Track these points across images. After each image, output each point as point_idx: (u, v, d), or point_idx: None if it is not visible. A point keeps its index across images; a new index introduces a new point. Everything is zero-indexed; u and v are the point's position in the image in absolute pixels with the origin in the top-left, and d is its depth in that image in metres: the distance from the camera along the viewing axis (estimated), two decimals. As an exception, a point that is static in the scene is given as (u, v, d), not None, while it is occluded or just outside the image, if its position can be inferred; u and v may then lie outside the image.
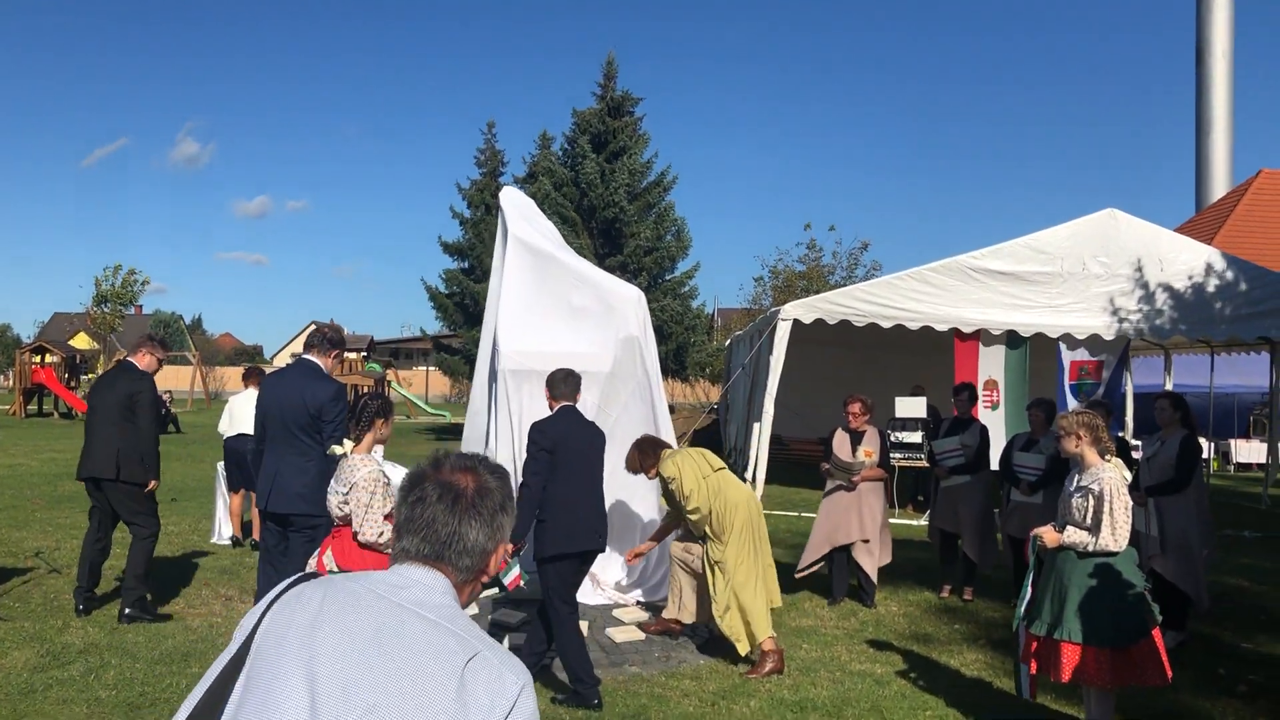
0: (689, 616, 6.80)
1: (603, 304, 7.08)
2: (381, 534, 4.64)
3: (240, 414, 10.23)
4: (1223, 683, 6.37)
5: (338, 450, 4.79)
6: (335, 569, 4.63)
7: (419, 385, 51.60)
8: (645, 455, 6.65)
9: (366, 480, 4.65)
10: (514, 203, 7.54)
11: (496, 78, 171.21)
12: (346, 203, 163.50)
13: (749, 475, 14.65)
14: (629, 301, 7.07)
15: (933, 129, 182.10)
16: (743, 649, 6.30)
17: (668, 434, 7.31)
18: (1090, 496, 5.02)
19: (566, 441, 5.73)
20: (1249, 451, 22.56)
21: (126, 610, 7.05)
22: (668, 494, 6.53)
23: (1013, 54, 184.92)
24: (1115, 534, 4.95)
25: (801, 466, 17.82)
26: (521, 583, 6.67)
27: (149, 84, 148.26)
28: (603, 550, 5.89)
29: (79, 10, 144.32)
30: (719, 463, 6.61)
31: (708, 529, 6.45)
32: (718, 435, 23.52)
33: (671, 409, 24.53)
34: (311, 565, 4.74)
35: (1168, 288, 13.04)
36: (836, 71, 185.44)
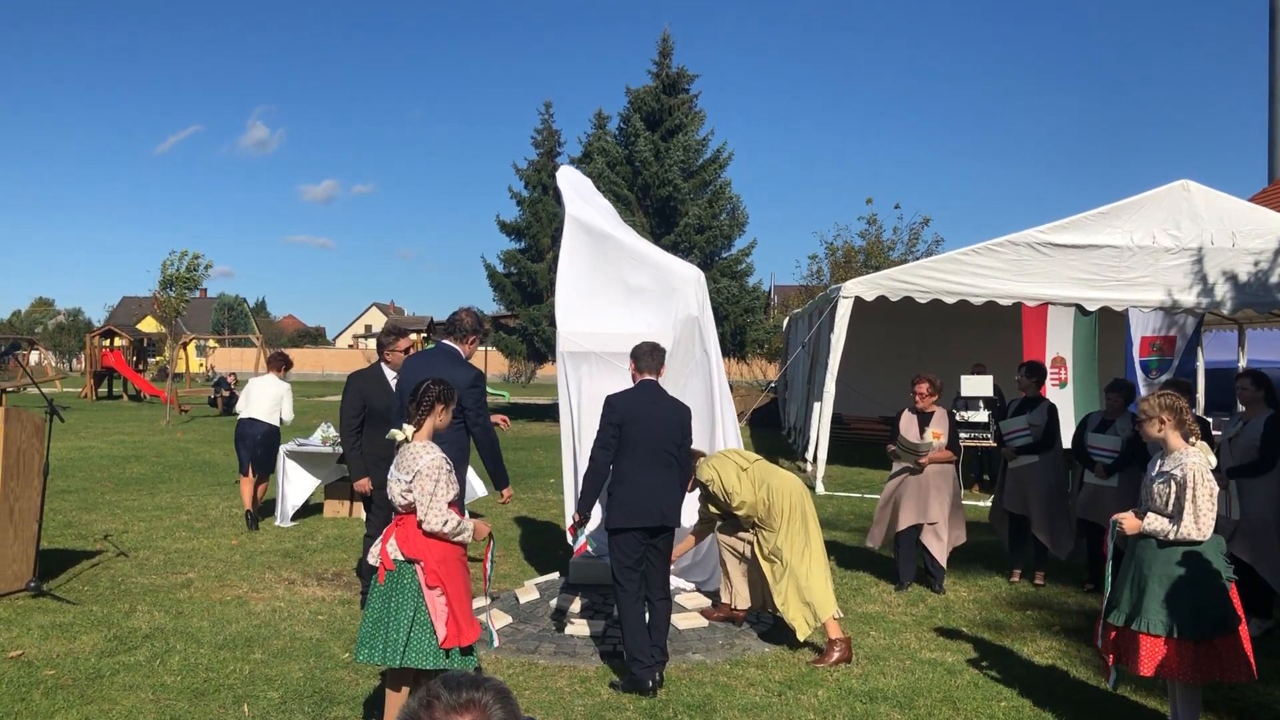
0: (743, 602, 6.67)
1: (661, 284, 6.94)
2: (446, 522, 4.57)
3: (256, 397, 10.27)
4: (1311, 673, 6.12)
5: (398, 436, 4.72)
6: (400, 557, 4.57)
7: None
8: None
9: (430, 468, 4.58)
10: (571, 182, 7.42)
11: (554, 58, 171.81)
12: (410, 186, 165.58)
13: (809, 455, 14.50)
14: (688, 281, 6.93)
15: (997, 102, 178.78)
16: (802, 635, 6.16)
17: (729, 416, 7.15)
18: (1173, 483, 4.80)
19: (637, 418, 5.67)
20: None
21: None
22: (709, 496, 6.40)
23: (1080, 21, 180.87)
24: (1199, 522, 4.73)
25: (862, 446, 17.58)
26: (589, 549, 6.59)
27: (221, 72, 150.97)
28: (672, 527, 5.80)
29: (152, 4, 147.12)
30: (754, 456, 6.48)
31: (757, 519, 6.34)
32: (777, 414, 23.34)
33: (730, 387, 24.45)
34: (374, 554, 4.68)
35: (1241, 260, 12.63)
36: (896, 45, 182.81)
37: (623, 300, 6.96)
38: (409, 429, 4.70)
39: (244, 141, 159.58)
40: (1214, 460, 4.86)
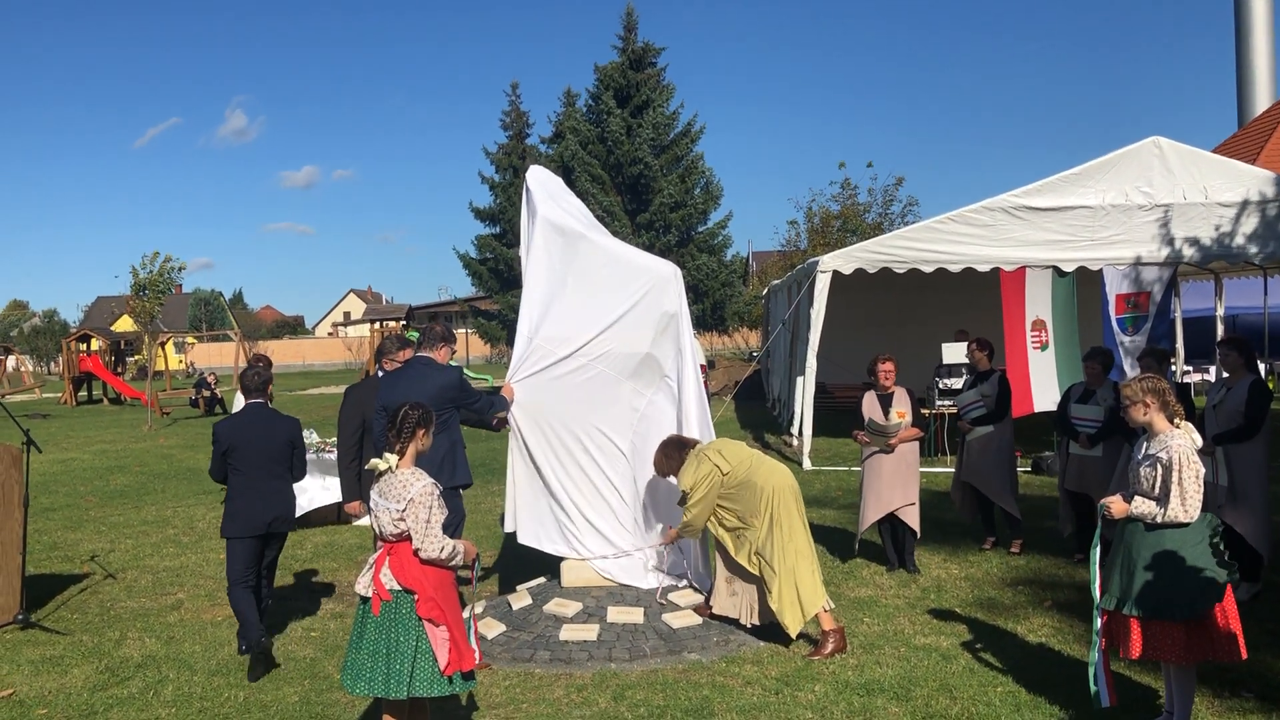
0: (720, 609, 6.59)
1: (638, 282, 6.87)
2: (443, 549, 4.53)
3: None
4: (1301, 637, 6.17)
5: (380, 465, 4.66)
6: (397, 587, 4.53)
7: (458, 348, 51.84)
8: (670, 458, 6.54)
9: (422, 495, 4.54)
10: (540, 182, 7.32)
11: (518, 35, 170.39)
12: (392, 169, 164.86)
13: (795, 430, 14.51)
14: (665, 279, 6.87)
15: (963, 60, 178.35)
16: (793, 633, 6.15)
17: (704, 416, 7.03)
18: (1159, 466, 4.81)
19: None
20: (1306, 371, 22.05)
21: None
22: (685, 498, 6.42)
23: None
24: (1185, 504, 4.74)
25: (847, 414, 17.53)
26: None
27: (198, 63, 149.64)
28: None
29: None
30: (743, 453, 6.45)
31: (736, 520, 6.34)
32: (761, 386, 23.33)
33: (712, 363, 24.41)
34: (366, 584, 4.64)
35: (1213, 214, 12.66)
36: (863, 8, 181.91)
37: (599, 302, 6.89)
38: (392, 458, 4.65)
39: (223, 131, 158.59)
40: (1199, 440, 4.87)
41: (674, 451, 6.52)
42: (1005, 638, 6.40)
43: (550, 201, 7.09)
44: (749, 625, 6.41)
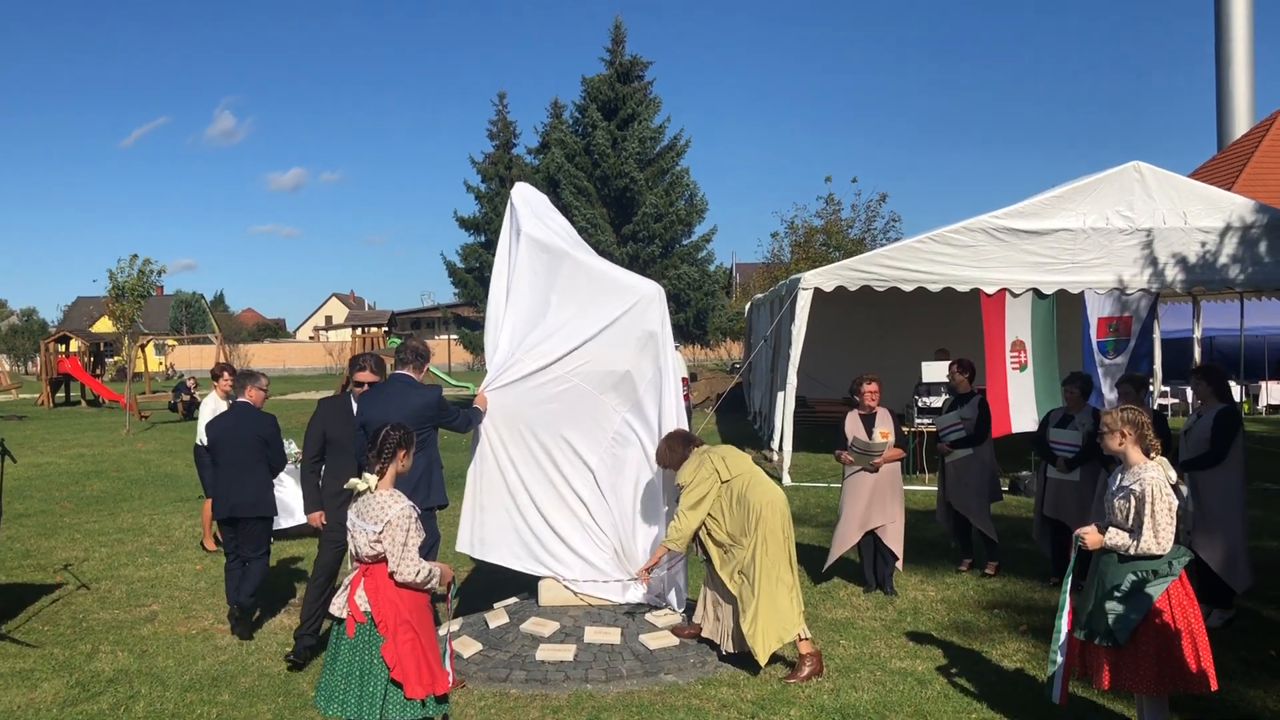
0: (707, 632, 6.57)
1: (621, 300, 6.88)
2: (419, 572, 4.52)
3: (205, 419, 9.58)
4: (1275, 666, 6.22)
5: (359, 485, 4.65)
6: (368, 609, 4.52)
7: (440, 354, 51.75)
8: (674, 451, 6.52)
9: (400, 517, 4.53)
10: (526, 199, 7.33)
11: (508, 44, 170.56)
12: (380, 173, 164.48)
13: (775, 444, 14.53)
14: (648, 298, 6.88)
15: (947, 80, 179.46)
16: (761, 659, 6.09)
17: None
18: (1132, 497, 4.85)
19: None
20: (1280, 393, 22.28)
21: None
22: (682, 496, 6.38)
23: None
24: (1158, 536, 4.78)
25: (827, 429, 17.57)
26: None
27: (188, 63, 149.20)
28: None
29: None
30: (745, 466, 6.44)
31: (726, 536, 6.32)
32: (743, 399, 23.38)
33: (694, 376, 24.40)
34: (340, 606, 4.62)
35: (1193, 240, 12.79)
36: (852, 25, 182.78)
37: (581, 317, 6.89)
38: (371, 478, 4.63)
39: (211, 132, 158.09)
40: (1173, 475, 4.91)
41: (678, 445, 6.50)
42: (981, 662, 6.42)
43: (535, 219, 7.09)
44: (725, 652, 6.39)
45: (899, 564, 8.07)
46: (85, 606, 8.00)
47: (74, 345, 34.74)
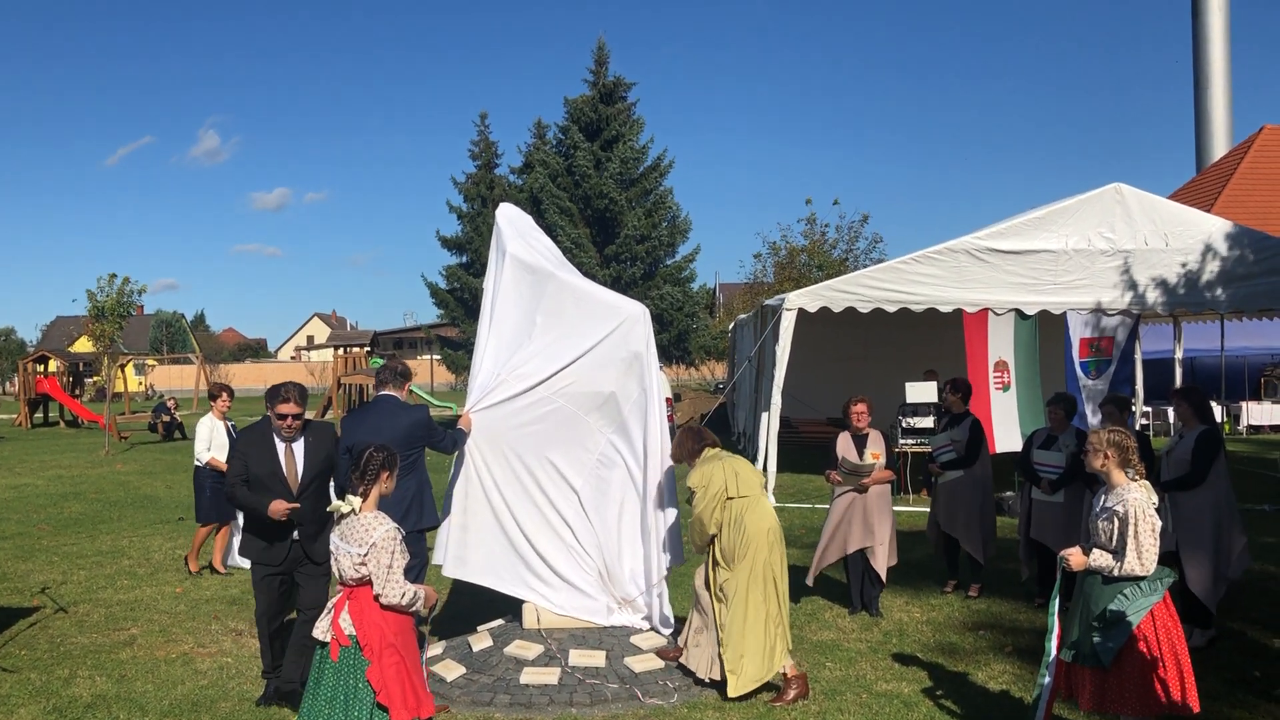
0: (692, 661, 6.48)
1: (605, 321, 6.87)
2: (404, 595, 4.48)
3: (203, 440, 9.60)
4: (1258, 685, 6.22)
5: (343, 507, 4.61)
6: (353, 632, 4.48)
7: (423, 374, 51.60)
8: (683, 445, 6.50)
9: (385, 540, 4.50)
10: (510, 220, 7.32)
11: (490, 65, 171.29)
12: (364, 193, 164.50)
13: (759, 465, 14.52)
14: (633, 319, 6.87)
15: (928, 99, 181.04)
16: (730, 693, 6.00)
17: (667, 459, 6.97)
18: (1115, 519, 4.87)
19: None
20: (1260, 414, 22.44)
21: None
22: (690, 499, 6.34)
23: (1006, 21, 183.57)
24: (1141, 558, 4.79)
25: (811, 449, 17.62)
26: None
27: (172, 82, 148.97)
28: None
29: (99, 14, 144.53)
30: (753, 488, 6.32)
31: (718, 553, 6.27)
32: (726, 419, 23.36)
33: (678, 396, 24.40)
34: (324, 627, 4.57)
35: (1173, 261, 12.87)
36: (833, 48, 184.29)
37: (566, 338, 6.88)
38: (355, 500, 4.60)
39: (195, 151, 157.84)
40: (1155, 499, 4.92)
41: (689, 440, 6.48)
42: (966, 685, 6.41)
43: (520, 240, 7.09)
44: (708, 680, 6.30)
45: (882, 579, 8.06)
46: (63, 630, 7.90)
47: (53, 365, 34.49)
